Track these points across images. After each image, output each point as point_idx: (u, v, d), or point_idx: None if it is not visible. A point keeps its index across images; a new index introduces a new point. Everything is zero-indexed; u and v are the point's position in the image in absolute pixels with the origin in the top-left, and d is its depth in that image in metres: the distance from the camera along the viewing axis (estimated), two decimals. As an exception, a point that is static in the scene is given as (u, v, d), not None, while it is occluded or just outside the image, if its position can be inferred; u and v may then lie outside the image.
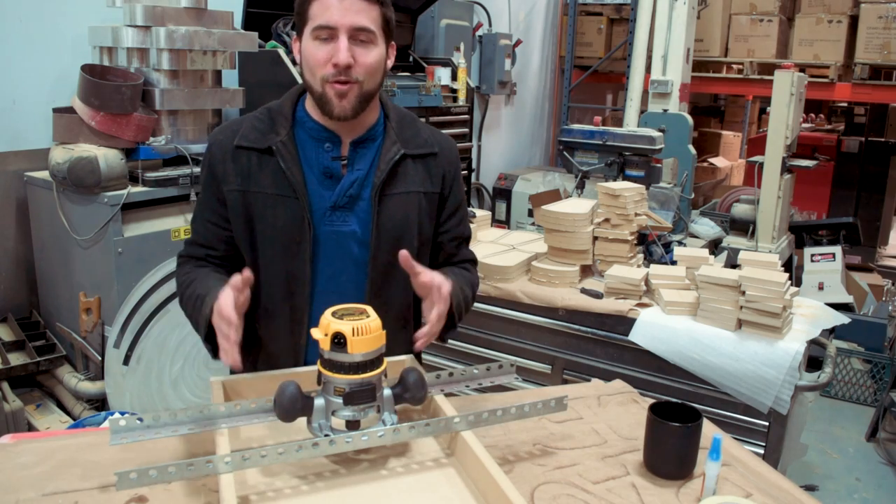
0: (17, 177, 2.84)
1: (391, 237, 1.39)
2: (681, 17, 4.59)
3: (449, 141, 1.52)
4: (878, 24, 4.99)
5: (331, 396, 1.13)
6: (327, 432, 1.13)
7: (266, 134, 1.36)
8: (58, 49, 2.92)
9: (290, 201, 1.34)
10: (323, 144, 1.37)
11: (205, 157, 1.42)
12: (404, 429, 1.13)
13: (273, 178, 1.35)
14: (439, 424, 1.17)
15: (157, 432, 1.07)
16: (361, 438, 1.11)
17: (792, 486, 1.24)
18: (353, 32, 1.27)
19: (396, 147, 1.39)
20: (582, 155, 3.39)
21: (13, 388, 2.63)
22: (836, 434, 3.50)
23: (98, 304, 2.66)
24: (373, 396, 1.14)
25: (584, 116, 6.27)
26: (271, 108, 1.41)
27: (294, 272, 1.37)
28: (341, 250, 1.39)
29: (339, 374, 1.11)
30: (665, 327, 2.25)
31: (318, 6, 1.27)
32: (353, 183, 1.37)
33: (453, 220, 1.51)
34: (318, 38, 1.27)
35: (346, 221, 1.38)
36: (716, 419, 2.11)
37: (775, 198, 3.91)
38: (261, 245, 1.38)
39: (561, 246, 2.56)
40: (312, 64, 1.29)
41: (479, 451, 1.12)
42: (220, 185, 1.37)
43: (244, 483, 1.11)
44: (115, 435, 1.05)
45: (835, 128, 7.69)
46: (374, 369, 1.13)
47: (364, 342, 1.10)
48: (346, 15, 1.26)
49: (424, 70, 4.38)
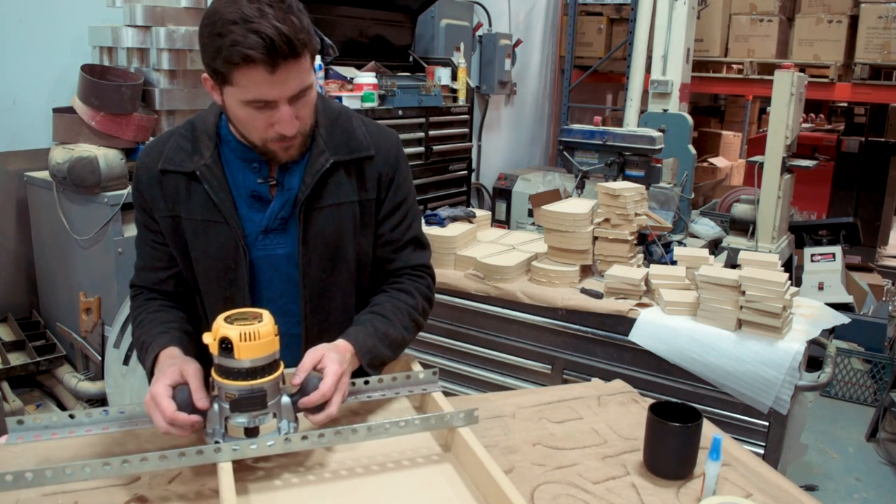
0: (17, 177, 2.85)
1: (323, 253, 1.31)
2: (681, 17, 4.59)
3: (389, 137, 1.39)
4: (878, 24, 4.99)
5: (223, 402, 1.10)
6: (218, 439, 1.10)
7: (191, 156, 1.27)
8: (58, 49, 2.92)
9: (221, 227, 1.27)
10: (250, 165, 1.28)
11: (133, 184, 1.34)
12: (295, 437, 1.10)
13: (202, 203, 1.27)
14: (334, 435, 1.12)
15: (54, 432, 1.10)
16: (250, 447, 1.08)
17: (792, 486, 1.24)
18: (293, 96, 1.15)
19: (325, 156, 1.28)
20: (582, 155, 3.39)
21: (13, 388, 2.63)
22: (836, 434, 3.50)
23: (98, 304, 2.66)
24: (263, 404, 1.10)
25: (584, 116, 6.27)
26: (195, 124, 1.30)
27: (232, 298, 1.31)
28: (278, 273, 1.33)
29: (228, 379, 1.08)
30: (665, 327, 2.25)
31: (245, 79, 1.10)
32: (283, 205, 1.29)
33: (388, 224, 1.38)
34: (251, 106, 1.15)
35: (281, 243, 1.31)
36: (716, 419, 2.11)
37: (775, 198, 3.91)
38: (197, 271, 1.33)
39: (561, 246, 2.56)
40: (250, 128, 1.19)
41: (479, 450, 1.10)
42: (151, 210, 1.31)
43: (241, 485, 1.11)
44: (13, 434, 1.08)
45: (835, 128, 7.69)
46: (264, 375, 1.09)
47: (252, 348, 1.06)
48: (284, 87, 1.12)
49: (424, 70, 4.38)
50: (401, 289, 1.39)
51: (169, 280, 1.36)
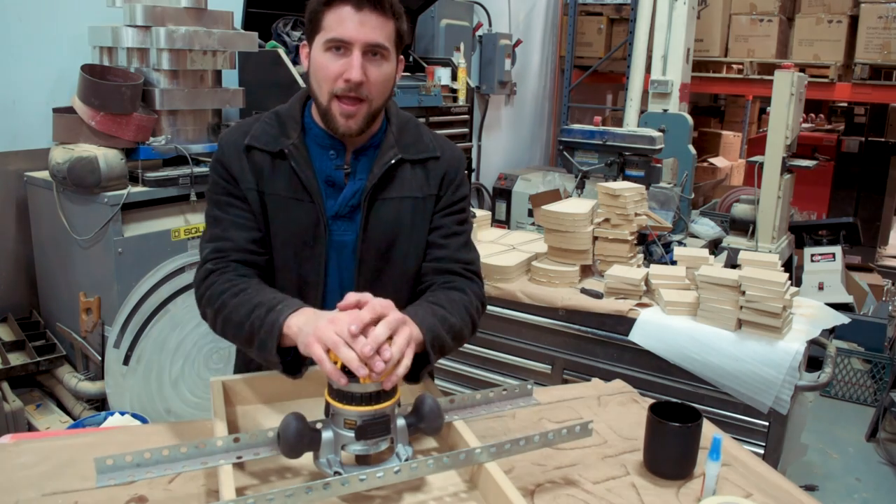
0: (17, 177, 2.84)
1: (379, 243, 1.35)
2: (681, 17, 4.59)
3: (454, 147, 1.46)
4: (878, 24, 4.99)
5: (340, 429, 1.04)
6: (337, 469, 1.04)
7: (277, 137, 1.33)
8: (58, 49, 2.92)
9: (304, 205, 1.32)
10: (328, 152, 1.35)
11: (216, 158, 1.36)
12: (422, 463, 1.03)
13: (286, 181, 1.32)
14: (459, 457, 1.07)
15: (148, 471, 0.98)
16: (377, 476, 1.00)
17: (792, 486, 1.24)
18: (368, 48, 1.23)
19: (393, 151, 1.35)
20: (582, 155, 3.39)
21: (13, 388, 2.63)
22: (836, 434, 3.50)
23: (98, 304, 2.66)
24: (387, 429, 1.05)
25: (584, 116, 6.27)
26: (279, 112, 1.38)
27: (306, 276, 1.35)
28: (344, 259, 1.36)
29: (351, 405, 1.03)
30: (665, 327, 2.25)
31: (332, 17, 1.23)
32: (354, 193, 1.34)
33: (443, 216, 1.40)
34: (329, 49, 1.24)
35: (347, 230, 1.35)
36: (716, 419, 2.11)
37: (775, 198, 3.91)
38: (275, 246, 1.35)
39: (561, 246, 2.56)
40: (322, 76, 1.26)
41: (505, 484, 1.03)
42: (238, 183, 1.33)
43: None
44: (102, 476, 0.96)
45: (835, 128, 7.69)
46: (388, 399, 1.05)
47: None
48: (361, 30, 1.22)
49: (424, 70, 4.38)
50: (453, 286, 1.36)
51: (259, 241, 1.34)
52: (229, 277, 1.28)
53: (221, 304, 1.24)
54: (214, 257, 1.31)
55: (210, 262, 1.31)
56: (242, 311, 1.20)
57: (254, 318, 1.18)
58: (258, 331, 1.16)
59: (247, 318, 1.19)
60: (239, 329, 1.21)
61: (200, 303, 1.31)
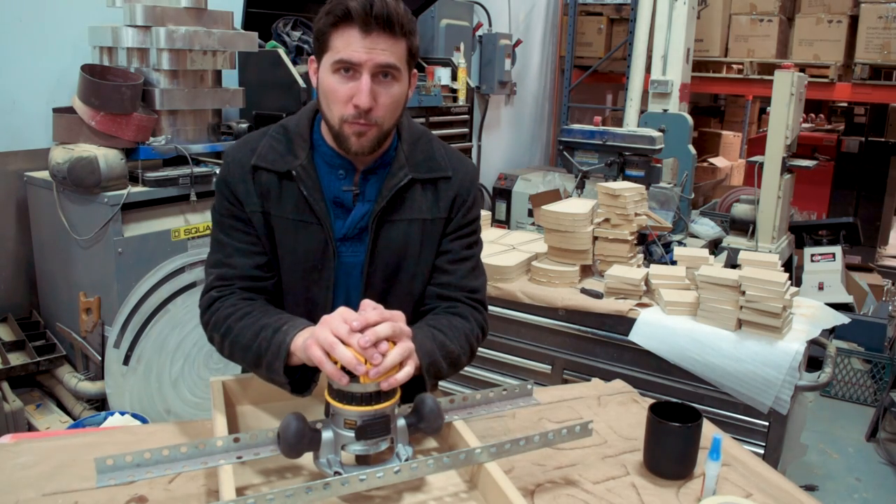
0: (17, 177, 2.84)
1: (386, 265, 1.33)
2: (681, 17, 4.59)
3: (467, 164, 1.41)
4: (878, 24, 4.99)
5: (340, 429, 1.05)
6: (337, 469, 1.05)
7: (284, 156, 1.29)
8: (58, 49, 2.92)
9: (312, 227, 1.29)
10: (336, 171, 1.31)
11: (221, 176, 1.32)
12: (422, 463, 1.04)
13: (294, 203, 1.29)
14: (459, 457, 1.07)
15: (148, 471, 0.99)
16: (377, 476, 1.01)
17: (792, 486, 1.24)
18: (378, 69, 1.19)
19: (404, 171, 1.31)
20: (582, 155, 3.39)
21: (13, 388, 2.63)
22: (836, 434, 3.50)
23: (98, 304, 2.66)
24: (387, 429, 1.06)
25: (584, 116, 6.27)
26: (288, 127, 1.33)
27: (314, 298, 1.33)
28: (353, 279, 1.34)
29: (351, 405, 1.04)
30: (665, 327, 2.25)
31: (340, 39, 1.19)
32: (363, 216, 1.31)
33: (452, 240, 1.37)
34: (338, 71, 1.20)
35: (356, 252, 1.32)
36: (716, 419, 2.11)
37: (775, 198, 3.91)
38: (283, 269, 1.33)
39: (561, 246, 2.56)
40: (332, 99, 1.22)
41: (505, 484, 1.04)
42: (243, 205, 1.29)
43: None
44: (102, 476, 0.97)
45: (835, 128, 7.69)
46: (388, 399, 1.05)
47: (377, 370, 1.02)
48: (370, 53, 1.17)
49: (424, 70, 4.38)
50: (456, 312, 1.35)
51: (264, 266, 1.32)
52: (233, 302, 1.29)
53: (227, 329, 1.25)
54: (219, 285, 1.31)
55: (214, 290, 1.31)
56: (249, 334, 1.21)
57: (260, 339, 1.19)
58: (265, 352, 1.18)
59: (253, 341, 1.20)
60: (246, 351, 1.22)
61: (207, 328, 1.32)
